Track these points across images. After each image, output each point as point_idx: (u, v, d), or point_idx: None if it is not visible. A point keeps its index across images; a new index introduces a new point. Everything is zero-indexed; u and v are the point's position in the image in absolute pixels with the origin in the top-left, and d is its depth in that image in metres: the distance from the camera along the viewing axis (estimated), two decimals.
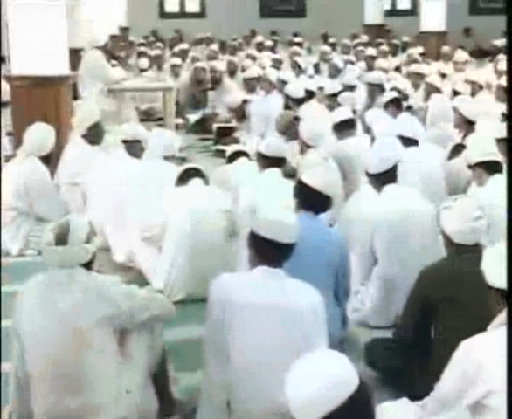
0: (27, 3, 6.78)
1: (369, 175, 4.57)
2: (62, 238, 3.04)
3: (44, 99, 6.86)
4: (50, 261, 3.07)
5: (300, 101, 7.94)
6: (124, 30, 16.99)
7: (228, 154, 6.24)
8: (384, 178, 4.50)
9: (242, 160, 6.01)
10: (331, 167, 5.81)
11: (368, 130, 6.52)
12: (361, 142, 6.23)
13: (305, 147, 6.07)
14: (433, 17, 14.72)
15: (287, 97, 8.17)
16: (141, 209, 5.24)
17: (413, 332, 3.54)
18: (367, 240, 4.43)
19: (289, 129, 6.79)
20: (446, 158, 6.08)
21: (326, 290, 3.59)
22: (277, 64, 11.58)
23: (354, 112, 7.30)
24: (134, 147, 5.97)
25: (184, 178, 5.10)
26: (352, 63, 11.72)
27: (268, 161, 5.23)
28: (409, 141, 5.64)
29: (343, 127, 6.41)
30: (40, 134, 5.94)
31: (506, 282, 2.58)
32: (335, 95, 8.19)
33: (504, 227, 2.82)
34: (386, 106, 7.33)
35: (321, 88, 9.07)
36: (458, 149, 6.03)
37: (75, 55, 9.48)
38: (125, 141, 6.02)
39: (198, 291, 4.61)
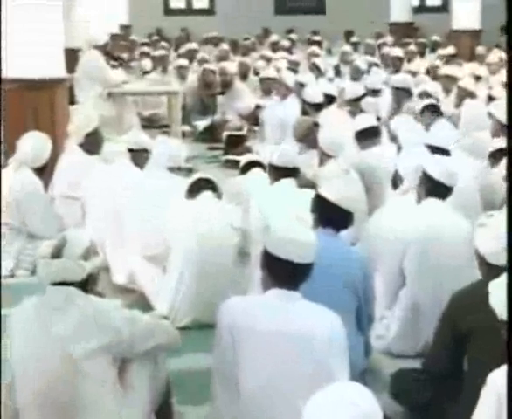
0: None
1: (429, 180, 4.53)
2: (57, 252, 3.08)
3: (37, 103, 6.90)
4: (42, 276, 3.10)
5: (318, 107, 7.96)
6: (125, 28, 17.13)
7: (242, 164, 6.25)
8: (440, 192, 4.52)
9: (256, 171, 6.02)
10: (353, 179, 5.82)
11: (393, 139, 6.52)
12: (386, 152, 6.23)
13: (324, 157, 6.08)
14: (466, 13, 14.72)
15: (305, 102, 8.20)
16: (144, 224, 5.26)
17: (444, 362, 3.52)
18: (395, 259, 4.43)
19: (308, 137, 6.79)
20: (481, 169, 6.07)
21: (347, 315, 3.59)
22: (293, 65, 11.61)
23: (378, 119, 7.31)
24: (140, 157, 6.00)
25: (195, 190, 5.11)
26: (376, 65, 11.75)
27: (280, 172, 5.25)
28: (439, 151, 5.63)
29: (367, 136, 6.42)
30: (35, 144, 5.94)
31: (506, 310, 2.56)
32: (357, 100, 8.20)
33: None
34: (422, 112, 7.33)
35: (342, 92, 9.08)
36: (495, 159, 6.01)
37: (72, 55, 9.56)
38: (131, 150, 6.06)
39: (206, 317, 4.61)
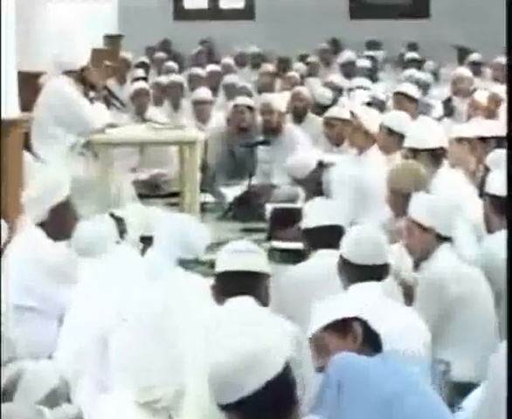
0: None
1: None
2: (7, 391, 3.11)
3: None
4: None
5: (438, 157, 7.79)
6: (113, 40, 17.29)
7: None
8: None
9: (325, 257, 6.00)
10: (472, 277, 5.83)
11: None
12: None
13: (431, 242, 6.03)
14: None
15: (412, 150, 7.84)
16: (143, 353, 5.29)
17: None
18: None
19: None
20: None
21: None
22: (378, 99, 11.67)
23: None
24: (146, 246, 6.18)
25: (223, 292, 5.15)
26: None
27: (359, 272, 5.25)
28: None
29: (503, 209, 6.36)
30: None
31: None
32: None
33: None
34: None
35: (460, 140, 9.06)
36: None
37: (32, 84, 9.66)
38: (144, 239, 6.28)
39: None
